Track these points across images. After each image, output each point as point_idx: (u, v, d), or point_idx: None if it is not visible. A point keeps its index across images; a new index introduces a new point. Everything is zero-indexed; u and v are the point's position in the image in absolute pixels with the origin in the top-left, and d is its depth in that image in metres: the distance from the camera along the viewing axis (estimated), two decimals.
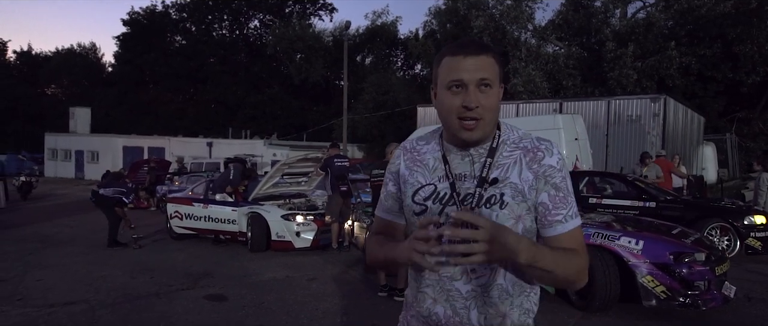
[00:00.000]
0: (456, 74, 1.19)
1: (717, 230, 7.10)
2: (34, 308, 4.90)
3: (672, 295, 4.27)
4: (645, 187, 7.92)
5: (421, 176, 1.30)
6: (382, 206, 1.41)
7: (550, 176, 1.22)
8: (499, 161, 1.24)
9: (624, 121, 13.23)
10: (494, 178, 1.22)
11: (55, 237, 9.31)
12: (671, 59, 18.66)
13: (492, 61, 1.20)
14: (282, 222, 7.49)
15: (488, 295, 1.23)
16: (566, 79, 20.43)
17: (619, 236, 4.57)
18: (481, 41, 1.27)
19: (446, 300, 1.25)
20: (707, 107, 19.61)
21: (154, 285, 5.76)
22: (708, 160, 16.39)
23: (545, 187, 1.22)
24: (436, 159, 1.30)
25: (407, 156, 1.35)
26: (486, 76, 1.18)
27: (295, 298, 5.19)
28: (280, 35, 33.58)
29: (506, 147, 1.26)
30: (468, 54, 1.19)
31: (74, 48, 48.20)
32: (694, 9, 19.23)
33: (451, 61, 1.21)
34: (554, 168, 1.22)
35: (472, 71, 1.18)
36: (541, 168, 1.22)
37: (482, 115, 1.19)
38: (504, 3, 22.75)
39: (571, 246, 1.21)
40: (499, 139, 1.26)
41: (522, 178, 1.22)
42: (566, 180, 1.24)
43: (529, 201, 1.21)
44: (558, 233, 1.22)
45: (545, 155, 1.23)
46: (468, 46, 1.20)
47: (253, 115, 35.83)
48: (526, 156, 1.24)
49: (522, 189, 1.21)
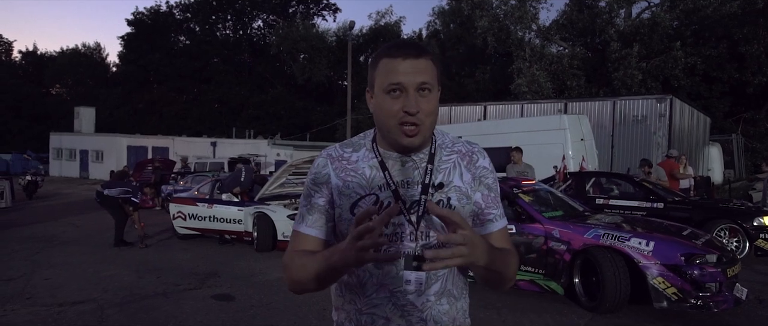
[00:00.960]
0: (395, 77, 1.14)
1: (726, 231, 7.06)
2: (43, 307, 4.91)
3: (683, 297, 4.24)
4: (652, 188, 7.88)
5: (357, 187, 1.21)
6: (305, 220, 1.26)
7: (484, 177, 1.27)
8: (440, 166, 1.23)
9: (629, 122, 13.18)
10: (440, 183, 1.21)
11: (61, 237, 9.32)
12: (676, 59, 18.62)
13: (430, 64, 1.16)
14: (288, 222, 7.46)
15: (440, 303, 1.22)
16: (570, 80, 20.40)
17: (629, 237, 4.55)
18: (418, 43, 1.26)
19: (401, 317, 1.19)
20: (713, 108, 19.53)
21: (161, 284, 5.75)
22: (714, 161, 16.32)
23: (479, 187, 1.26)
24: (373, 167, 1.22)
25: (336, 165, 1.25)
26: (426, 79, 1.14)
27: (303, 299, 5.17)
28: (284, 35, 33.63)
29: (443, 151, 1.26)
30: (407, 56, 1.14)
31: (79, 48, 48.40)
32: (699, 9, 19.18)
33: (388, 64, 1.15)
34: (487, 170, 1.28)
35: (412, 74, 1.13)
36: (476, 169, 1.26)
37: (422, 121, 1.14)
38: (508, 3, 22.71)
39: (504, 244, 1.25)
40: (435, 144, 1.25)
41: (464, 181, 1.24)
42: (496, 182, 1.30)
43: (471, 203, 1.25)
44: (490, 231, 1.26)
45: (479, 157, 1.28)
46: (406, 48, 1.16)
47: (257, 114, 35.90)
48: (462, 159, 1.26)
49: (466, 191, 1.24)
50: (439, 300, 1.22)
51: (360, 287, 1.22)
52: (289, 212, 7.70)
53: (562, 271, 4.83)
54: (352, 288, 1.24)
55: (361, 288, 1.22)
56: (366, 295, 1.22)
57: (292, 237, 1.30)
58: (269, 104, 36.28)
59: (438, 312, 1.22)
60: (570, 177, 8.41)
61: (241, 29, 42.56)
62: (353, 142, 1.30)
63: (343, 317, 1.29)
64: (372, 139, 1.27)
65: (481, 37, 22.69)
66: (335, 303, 1.33)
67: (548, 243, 4.94)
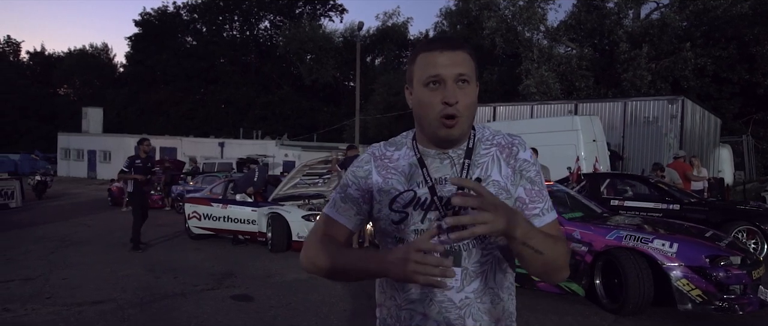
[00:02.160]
0: (433, 69, 1.15)
1: (743, 233, 7.01)
2: (64, 306, 4.92)
3: (708, 299, 4.21)
4: (668, 189, 7.83)
5: (397, 183, 1.24)
6: (337, 206, 1.30)
7: (526, 170, 1.22)
8: (478, 160, 1.22)
9: (640, 123, 13.11)
10: (477, 178, 1.20)
11: (74, 236, 9.36)
12: (686, 60, 18.52)
13: (468, 57, 1.18)
14: (303, 222, 7.48)
15: (482, 301, 1.21)
16: (579, 81, 20.32)
17: (652, 238, 4.52)
18: (456, 37, 1.27)
19: (439, 313, 1.19)
20: (722, 109, 19.42)
21: (178, 285, 5.76)
22: (724, 162, 16.22)
23: (521, 181, 1.22)
24: (412, 164, 1.24)
25: (378, 163, 1.28)
26: (464, 71, 1.16)
27: (322, 299, 5.17)
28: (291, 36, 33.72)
29: (482, 145, 1.24)
30: (444, 49, 1.16)
31: (86, 49, 48.66)
32: (709, 10, 19.07)
33: (427, 57, 1.17)
34: (529, 162, 1.22)
35: (450, 66, 1.15)
36: (517, 162, 1.22)
37: (461, 112, 1.15)
38: (516, 4, 22.66)
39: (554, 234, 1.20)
40: (474, 138, 1.24)
41: (503, 175, 1.21)
42: (540, 174, 1.24)
43: (511, 197, 1.20)
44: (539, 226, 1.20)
45: (520, 150, 1.23)
46: (443, 41, 1.18)
47: (264, 115, 36.00)
48: (502, 152, 1.23)
49: (505, 185, 1.20)
50: (479, 297, 1.21)
51: (399, 283, 1.23)
52: (304, 212, 7.70)
53: (584, 273, 4.80)
54: (392, 283, 1.26)
55: (400, 283, 1.23)
56: (405, 291, 1.23)
57: (320, 218, 1.34)
58: (276, 105, 36.37)
59: (478, 311, 1.21)
60: (584, 178, 8.38)
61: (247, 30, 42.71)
62: (396, 141, 1.31)
63: (384, 313, 1.32)
64: (412, 137, 1.29)
65: (489, 38, 22.66)
66: (378, 299, 1.36)
67: (569, 244, 4.90)
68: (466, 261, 1.19)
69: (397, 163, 1.26)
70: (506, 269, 1.26)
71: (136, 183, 7.82)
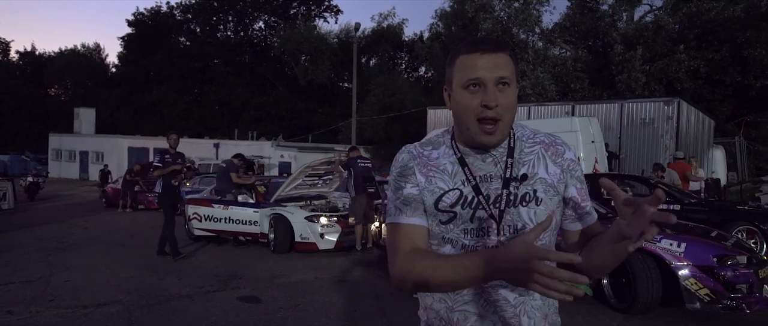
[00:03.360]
0: (473, 72, 1.14)
1: (743, 233, 7.07)
2: (68, 309, 4.87)
3: (716, 298, 4.25)
4: (669, 190, 7.89)
5: (440, 182, 1.21)
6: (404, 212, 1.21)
7: (574, 170, 1.24)
8: (522, 158, 1.21)
9: (637, 124, 13.21)
10: (523, 174, 1.19)
11: (71, 238, 9.27)
12: (680, 62, 18.68)
13: (508, 59, 1.16)
14: (306, 223, 7.47)
15: (533, 298, 1.21)
16: (574, 82, 20.44)
17: (660, 238, 4.55)
18: (496, 39, 1.28)
19: (494, 313, 1.19)
20: (715, 110, 19.61)
21: (183, 286, 5.72)
22: (718, 163, 16.38)
23: (572, 181, 1.23)
24: (454, 163, 1.22)
25: (417, 161, 1.25)
26: (504, 74, 1.14)
27: (330, 300, 5.16)
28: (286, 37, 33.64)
29: (524, 144, 1.24)
30: (485, 51, 1.15)
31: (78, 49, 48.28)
32: (702, 13, 19.26)
33: (466, 59, 1.16)
34: (575, 162, 1.25)
35: (491, 69, 1.13)
36: (564, 162, 1.23)
37: (501, 116, 1.14)
38: (512, 6, 22.76)
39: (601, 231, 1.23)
40: (514, 138, 1.24)
41: (549, 172, 1.21)
42: (582, 173, 1.28)
43: (559, 195, 1.22)
44: (590, 223, 1.25)
45: (565, 149, 1.25)
46: (484, 43, 1.17)
47: (259, 116, 35.90)
48: (547, 150, 1.23)
49: (552, 183, 1.21)
50: (531, 294, 1.20)
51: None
52: (307, 213, 7.69)
53: None
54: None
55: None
56: (458, 292, 1.20)
57: (391, 232, 1.23)
58: (271, 105, 36.28)
59: (531, 307, 1.20)
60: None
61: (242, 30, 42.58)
62: (432, 141, 1.29)
63: (432, 316, 1.28)
64: (451, 137, 1.28)
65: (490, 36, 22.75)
66: (423, 302, 1.32)
67: None
68: None
69: (438, 161, 1.23)
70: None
71: (168, 181, 7.25)
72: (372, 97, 28.57)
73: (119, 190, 14.86)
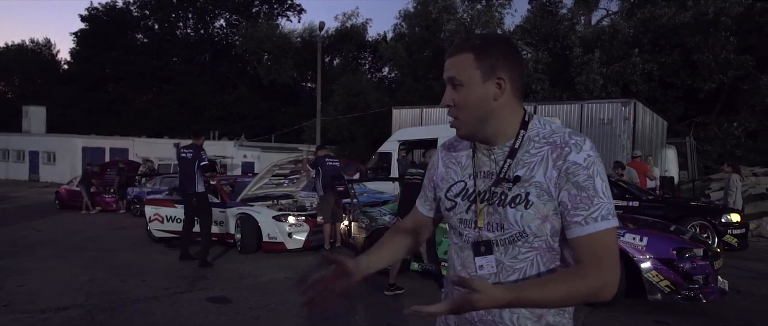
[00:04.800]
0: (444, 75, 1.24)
1: (696, 228, 7.43)
2: (26, 314, 4.64)
3: (675, 289, 4.44)
4: (627, 187, 8.20)
5: (454, 173, 1.32)
6: (420, 198, 1.47)
7: (573, 174, 1.14)
8: (525, 159, 1.20)
9: (596, 125, 13.65)
10: (517, 176, 1.19)
11: (24, 241, 8.85)
12: (635, 66, 19.42)
13: (465, 58, 1.19)
14: (274, 223, 7.37)
15: None
16: (535, 84, 20.93)
17: (623, 233, 4.72)
18: (463, 38, 1.25)
19: None
20: (668, 112, 20.46)
21: (149, 288, 5.55)
22: (670, 162, 17.10)
23: (566, 185, 1.14)
24: (468, 156, 1.31)
25: (444, 153, 1.38)
26: (453, 74, 1.21)
27: (301, 300, 5.10)
28: (248, 35, 33.07)
29: (533, 144, 1.20)
30: (448, 55, 1.23)
31: (27, 44, 46.03)
32: (655, 18, 20.08)
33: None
34: (579, 166, 1.14)
35: (447, 71, 1.22)
36: (565, 164, 1.15)
37: (456, 114, 1.22)
38: (474, 8, 23.14)
39: (589, 254, 1.11)
40: (523, 137, 1.22)
41: (547, 176, 1.16)
42: (593, 179, 1.13)
43: (555, 200, 1.16)
44: (575, 236, 1.13)
45: (572, 151, 1.15)
46: (451, 47, 1.25)
47: (220, 115, 35.16)
48: (553, 152, 1.17)
49: (547, 188, 1.16)
50: None
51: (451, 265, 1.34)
52: (274, 213, 7.59)
53: None
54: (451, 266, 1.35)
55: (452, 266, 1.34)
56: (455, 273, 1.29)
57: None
58: (232, 105, 35.60)
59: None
60: None
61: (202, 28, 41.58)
62: None
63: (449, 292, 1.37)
64: None
65: (448, 41, 22.99)
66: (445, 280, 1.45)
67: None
68: (501, 255, 1.21)
69: (458, 154, 1.34)
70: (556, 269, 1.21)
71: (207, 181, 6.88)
72: (336, 97, 28.43)
73: (74, 191, 14.27)
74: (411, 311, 1.03)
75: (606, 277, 1.11)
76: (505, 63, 1.19)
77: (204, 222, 6.68)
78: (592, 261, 1.10)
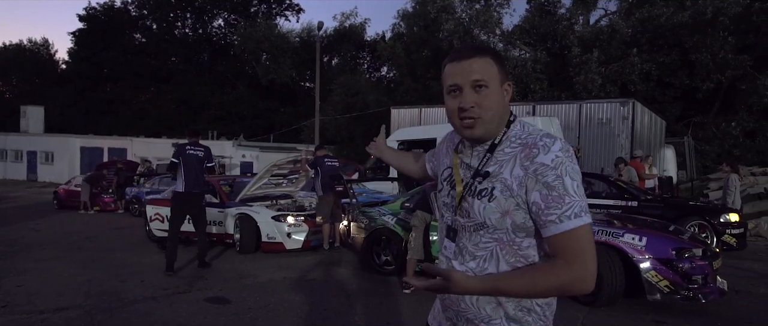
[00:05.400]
0: (452, 79, 1.28)
1: (695, 227, 7.43)
2: (24, 315, 4.63)
3: (675, 289, 4.45)
4: (626, 187, 8.20)
5: (446, 158, 1.48)
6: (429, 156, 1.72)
7: (542, 174, 1.19)
8: (499, 157, 1.29)
9: (595, 124, 13.65)
10: (486, 172, 1.29)
11: (22, 241, 8.83)
12: (633, 65, 19.44)
13: (486, 62, 1.27)
14: (273, 223, 7.36)
15: None
16: (534, 83, 20.94)
17: (622, 233, 4.72)
18: (477, 44, 1.40)
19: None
20: (666, 111, 20.49)
21: (147, 288, 5.54)
22: (669, 162, 17.11)
23: (536, 186, 1.19)
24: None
25: (448, 140, 1.53)
26: (478, 77, 1.26)
27: (300, 299, 5.11)
28: (247, 35, 33.03)
29: (510, 143, 1.29)
30: (461, 59, 1.28)
31: (24, 44, 45.92)
32: (654, 18, 20.09)
33: (449, 68, 1.30)
34: (547, 167, 1.19)
35: (465, 74, 1.26)
36: (532, 165, 1.20)
37: (480, 114, 1.26)
38: (473, 7, 23.13)
39: (564, 250, 1.17)
40: (503, 136, 1.31)
41: (512, 175, 1.24)
42: (562, 178, 1.18)
43: (517, 197, 1.22)
44: (551, 234, 1.18)
45: (540, 152, 1.20)
46: (462, 51, 1.29)
47: (218, 115, 35.13)
48: (522, 152, 1.24)
49: (510, 185, 1.23)
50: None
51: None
52: (273, 213, 7.58)
53: None
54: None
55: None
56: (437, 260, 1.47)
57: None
58: (231, 104, 35.56)
59: None
60: None
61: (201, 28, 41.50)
62: None
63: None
64: None
65: (446, 41, 22.99)
66: None
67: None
68: (466, 240, 1.33)
69: (453, 144, 1.47)
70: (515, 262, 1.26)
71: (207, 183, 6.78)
72: (334, 97, 28.41)
73: (73, 191, 14.24)
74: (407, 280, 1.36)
75: (578, 273, 1.17)
76: (508, 71, 1.35)
77: (202, 223, 6.60)
78: (566, 257, 1.18)
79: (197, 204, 6.41)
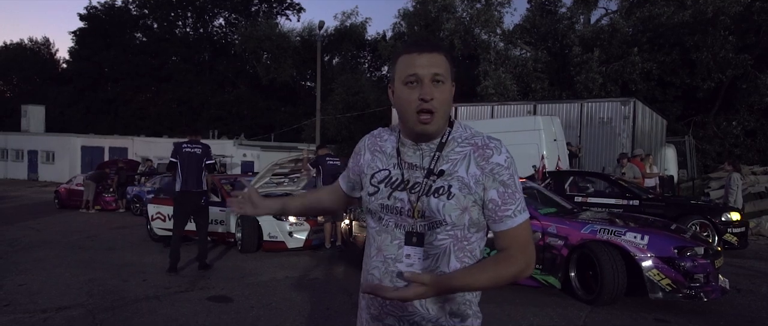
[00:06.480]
0: (412, 69, 1.26)
1: (696, 226, 7.44)
2: (26, 314, 4.64)
3: (677, 288, 4.45)
4: (628, 186, 8.20)
5: (379, 161, 1.40)
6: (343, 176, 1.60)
7: (498, 174, 1.27)
8: (449, 156, 1.30)
9: (596, 123, 13.65)
10: (441, 170, 1.29)
11: (23, 240, 8.83)
12: (634, 65, 19.41)
13: (443, 59, 1.28)
14: (274, 222, 7.37)
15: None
16: (535, 82, 20.93)
17: (624, 231, 4.73)
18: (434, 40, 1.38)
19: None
20: (666, 111, 20.48)
21: (149, 287, 5.55)
22: (669, 162, 17.11)
23: (494, 184, 1.27)
24: (393, 147, 1.39)
25: (371, 141, 1.46)
26: (439, 71, 1.27)
27: (302, 298, 5.11)
28: (247, 34, 33.01)
29: (457, 143, 1.32)
30: (422, 51, 1.27)
31: (25, 43, 45.92)
32: (654, 17, 20.08)
33: (407, 59, 1.29)
34: (502, 166, 1.27)
35: (427, 66, 1.26)
36: (488, 165, 1.27)
37: (436, 108, 1.26)
38: (474, 7, 23.10)
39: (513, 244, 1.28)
40: (449, 136, 1.33)
41: (469, 173, 1.28)
42: (514, 177, 1.29)
43: (474, 194, 1.27)
44: (508, 228, 1.28)
45: (494, 153, 1.28)
46: (422, 44, 1.29)
47: (219, 115, 35.13)
48: (475, 152, 1.29)
49: (468, 182, 1.27)
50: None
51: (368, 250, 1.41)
52: None
53: (560, 266, 4.97)
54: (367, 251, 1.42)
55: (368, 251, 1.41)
56: (370, 257, 1.39)
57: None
58: (231, 104, 35.56)
59: None
60: (548, 176, 8.65)
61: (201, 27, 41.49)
62: (393, 126, 1.47)
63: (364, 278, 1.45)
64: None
65: (447, 40, 22.96)
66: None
67: (545, 238, 5.07)
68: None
69: (385, 144, 1.42)
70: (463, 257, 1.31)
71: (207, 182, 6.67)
72: (335, 96, 28.41)
73: (74, 191, 14.25)
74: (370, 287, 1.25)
75: (529, 259, 1.29)
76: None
77: (204, 224, 6.54)
78: (518, 247, 1.28)
79: (197, 204, 6.29)
